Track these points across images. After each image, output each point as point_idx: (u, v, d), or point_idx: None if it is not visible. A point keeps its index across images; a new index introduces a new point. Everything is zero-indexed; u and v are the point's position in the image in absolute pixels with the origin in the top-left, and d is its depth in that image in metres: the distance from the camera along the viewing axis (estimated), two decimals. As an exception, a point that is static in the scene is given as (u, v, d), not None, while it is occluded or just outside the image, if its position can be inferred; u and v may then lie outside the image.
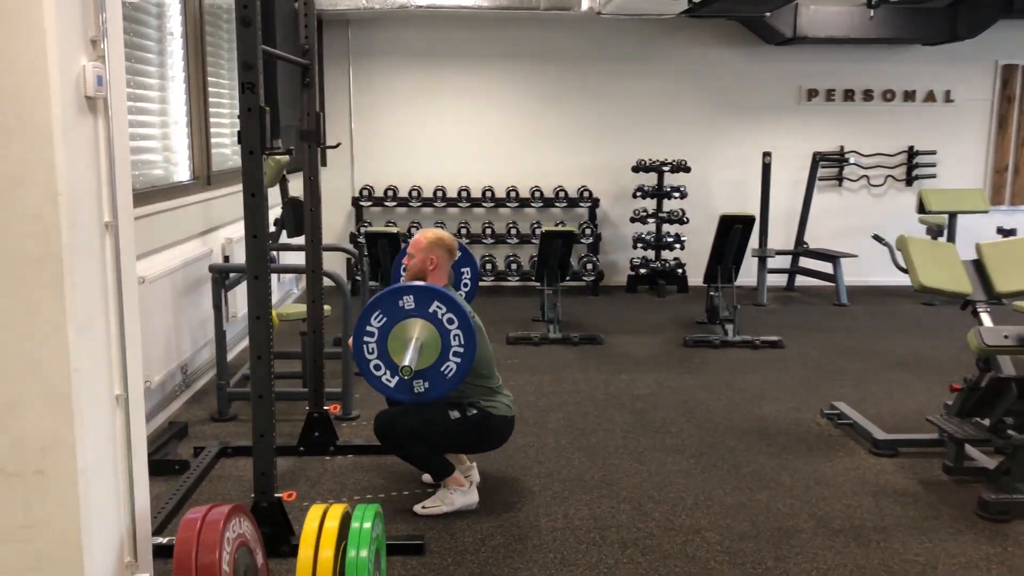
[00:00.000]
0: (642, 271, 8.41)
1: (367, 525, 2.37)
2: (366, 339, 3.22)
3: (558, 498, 3.70)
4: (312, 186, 4.05)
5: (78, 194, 2.11)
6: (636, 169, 8.24)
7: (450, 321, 3.19)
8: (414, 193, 8.32)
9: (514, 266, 8.19)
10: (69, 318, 2.08)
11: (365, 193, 8.35)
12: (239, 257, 5.62)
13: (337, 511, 2.42)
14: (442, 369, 3.22)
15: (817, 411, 4.80)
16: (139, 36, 4.53)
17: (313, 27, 3.92)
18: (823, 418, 4.71)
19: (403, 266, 3.79)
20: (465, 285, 4.44)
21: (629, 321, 7.17)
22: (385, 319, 3.20)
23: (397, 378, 3.23)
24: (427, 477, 3.83)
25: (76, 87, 2.09)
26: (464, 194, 8.34)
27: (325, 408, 4.13)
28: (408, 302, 3.20)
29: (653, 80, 8.48)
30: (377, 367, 3.25)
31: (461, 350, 3.20)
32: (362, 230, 7.69)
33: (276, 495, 3.16)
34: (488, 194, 8.35)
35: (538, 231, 7.95)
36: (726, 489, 3.81)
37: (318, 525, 2.36)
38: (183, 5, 5.19)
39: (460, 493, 3.56)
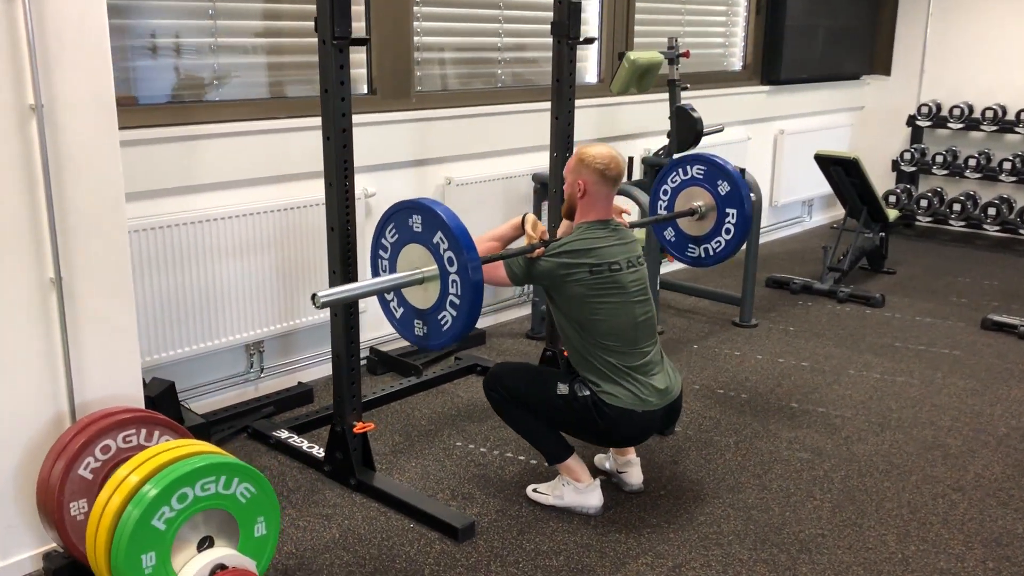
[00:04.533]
0: None
1: (159, 486, 2.01)
2: (380, 252, 2.62)
3: (722, 555, 2.66)
4: (559, 91, 3.42)
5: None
6: None
7: (450, 262, 2.40)
8: (988, 114, 6.44)
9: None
10: (-54, 195, 2.18)
11: (926, 111, 6.75)
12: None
13: (165, 456, 2.12)
14: (439, 317, 2.47)
15: None
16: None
17: None
18: None
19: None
20: (727, 232, 3.32)
21: None
22: (397, 236, 2.54)
23: (403, 309, 2.58)
24: (599, 457, 3.11)
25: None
26: (1061, 119, 6.17)
27: (558, 349, 3.60)
28: (416, 223, 2.47)
29: None
30: (387, 291, 2.62)
31: (457, 301, 2.40)
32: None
33: (353, 423, 2.92)
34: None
35: None
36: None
37: (130, 469, 2.10)
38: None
39: (572, 488, 2.81)
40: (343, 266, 2.81)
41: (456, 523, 2.67)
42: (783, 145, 6.30)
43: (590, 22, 4.90)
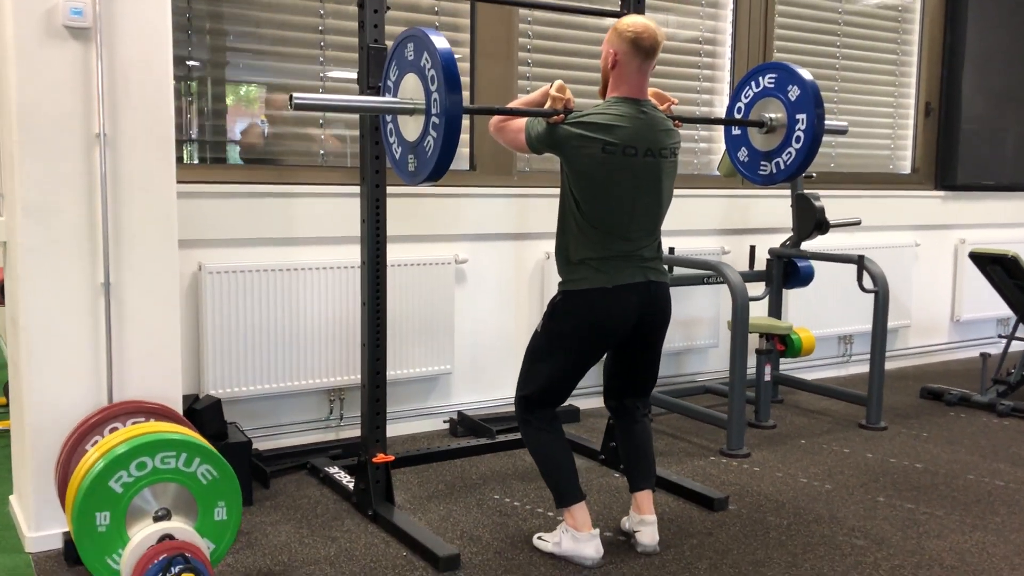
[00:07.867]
0: None
1: (112, 454, 2.20)
2: (389, 74, 2.60)
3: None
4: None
5: (44, 103, 2.59)
6: None
7: (432, 80, 2.32)
8: None
9: None
10: (17, 201, 2.60)
11: None
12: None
13: (137, 431, 2.32)
14: (424, 144, 2.40)
15: None
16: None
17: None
18: None
19: None
20: (797, 140, 3.01)
21: None
22: (398, 72, 2.52)
23: (402, 147, 2.53)
24: (626, 521, 2.96)
25: (46, 18, 2.58)
26: None
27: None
28: (410, 50, 2.44)
29: None
30: (391, 132, 2.59)
31: (437, 120, 2.30)
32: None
33: (374, 454, 3.01)
34: None
35: None
36: None
37: (116, 438, 2.32)
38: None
39: (570, 536, 2.70)
40: (371, 338, 2.98)
41: (439, 552, 2.65)
42: (965, 257, 5.80)
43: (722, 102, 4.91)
